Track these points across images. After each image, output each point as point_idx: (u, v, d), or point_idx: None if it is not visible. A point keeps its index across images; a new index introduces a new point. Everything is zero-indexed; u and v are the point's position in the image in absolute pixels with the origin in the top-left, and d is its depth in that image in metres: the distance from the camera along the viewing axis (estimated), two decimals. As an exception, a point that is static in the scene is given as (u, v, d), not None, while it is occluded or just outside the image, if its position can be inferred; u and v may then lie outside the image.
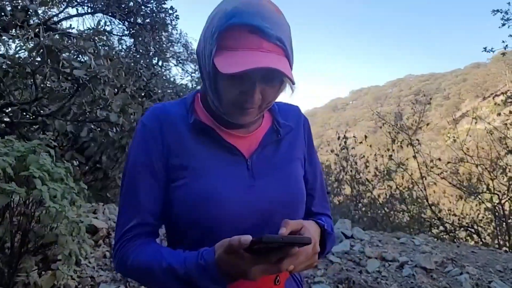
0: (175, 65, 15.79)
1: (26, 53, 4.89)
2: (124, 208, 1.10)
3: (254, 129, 1.15)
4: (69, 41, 4.91)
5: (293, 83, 1.00)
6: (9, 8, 6.00)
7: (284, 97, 1.10)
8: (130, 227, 1.07)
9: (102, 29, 5.93)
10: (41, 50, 4.43)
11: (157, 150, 1.07)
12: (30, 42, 5.09)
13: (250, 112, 1.03)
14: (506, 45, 7.89)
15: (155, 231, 1.11)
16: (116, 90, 5.92)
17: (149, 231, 1.09)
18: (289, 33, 1.02)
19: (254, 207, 1.04)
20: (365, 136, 9.58)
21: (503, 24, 8.12)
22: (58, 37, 4.58)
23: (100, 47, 5.09)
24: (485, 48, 8.28)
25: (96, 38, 5.13)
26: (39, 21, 5.05)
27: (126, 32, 12.41)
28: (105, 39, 5.20)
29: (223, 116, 1.07)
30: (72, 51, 5.01)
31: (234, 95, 0.99)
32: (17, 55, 4.85)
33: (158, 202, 1.08)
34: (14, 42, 5.29)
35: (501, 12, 8.16)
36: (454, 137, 9.25)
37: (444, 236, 7.98)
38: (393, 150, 9.07)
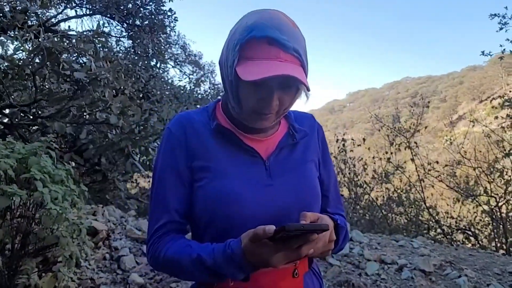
0: (173, 67, 15.81)
1: (25, 54, 4.89)
2: (154, 208, 1.20)
3: (272, 133, 1.25)
4: (69, 43, 4.90)
5: (308, 90, 1.10)
6: (7, 9, 6.01)
7: (299, 103, 1.19)
8: (160, 225, 1.17)
9: (101, 31, 5.94)
10: (41, 52, 4.43)
11: (182, 155, 1.17)
12: (29, 43, 5.09)
13: (268, 117, 1.11)
14: (504, 49, 7.92)
15: (183, 228, 1.21)
16: (115, 92, 5.92)
17: (178, 228, 1.19)
18: (305, 45, 1.11)
19: (271, 205, 1.13)
20: (364, 139, 9.61)
21: (501, 28, 8.16)
22: (58, 39, 4.58)
23: (100, 49, 5.09)
24: (483, 52, 8.31)
25: (96, 40, 5.12)
26: (38, 23, 5.04)
27: (124, 34, 12.42)
28: (104, 40, 5.18)
29: (243, 122, 1.16)
30: (72, 53, 5.01)
31: (253, 102, 1.08)
32: (15, 56, 4.85)
33: (185, 202, 1.18)
34: (13, 43, 5.29)
35: (498, 16, 8.20)
36: (451, 139, 9.29)
37: (442, 238, 8.01)
38: (392, 153, 9.10)
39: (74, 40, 4.84)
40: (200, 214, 1.15)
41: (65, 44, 4.81)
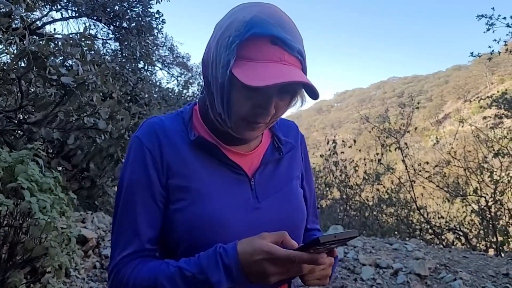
0: (160, 69, 15.73)
1: (9, 58, 4.78)
2: (119, 234, 1.03)
3: (255, 146, 1.12)
4: (55, 47, 4.80)
5: (316, 98, 0.97)
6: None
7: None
8: (127, 254, 1.00)
9: (88, 34, 5.84)
10: (27, 56, 4.33)
11: (155, 168, 1.00)
12: (13, 47, 4.97)
13: (259, 127, 0.99)
14: (493, 50, 8.00)
15: (153, 255, 1.05)
16: (103, 96, 5.83)
17: (148, 256, 1.02)
18: (303, 46, 0.99)
19: (259, 230, 0.97)
20: (354, 141, 9.63)
21: (488, 29, 8.23)
22: (44, 43, 4.47)
23: (87, 52, 4.99)
24: (471, 53, 8.39)
25: (83, 43, 5.03)
26: (24, 26, 4.94)
27: (111, 36, 12.31)
28: (91, 44, 5.09)
29: (228, 131, 1.02)
30: (58, 57, 4.92)
31: (247, 109, 0.95)
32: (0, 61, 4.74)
33: (157, 227, 1.02)
34: (-3, 47, 5.17)
35: (485, 17, 8.27)
36: (436, 138, 9.35)
37: (433, 239, 8.05)
38: (382, 154, 9.13)
39: (60, 44, 4.74)
40: (176, 241, 1.00)
41: (52, 48, 4.69)
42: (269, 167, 1.11)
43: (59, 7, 10.97)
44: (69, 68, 5.23)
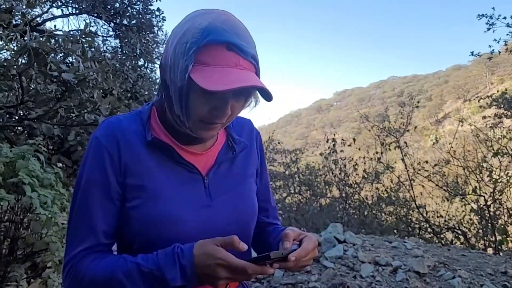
0: (160, 66, 15.74)
1: (9, 54, 4.78)
2: (75, 229, 1.06)
3: (210, 145, 1.17)
4: (56, 43, 4.80)
5: (270, 100, 1.04)
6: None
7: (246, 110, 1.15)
8: (83, 249, 1.03)
9: (89, 31, 5.85)
10: (28, 52, 4.33)
11: (113, 168, 1.04)
12: (14, 43, 4.98)
13: (216, 127, 1.05)
14: (493, 50, 8.02)
15: (109, 249, 1.09)
16: (103, 92, 5.83)
17: (103, 250, 1.06)
18: (256, 50, 1.05)
19: (211, 227, 1.06)
20: (354, 139, 9.64)
21: (488, 29, 8.25)
22: (44, 39, 4.48)
23: (87, 49, 5.00)
24: (472, 53, 8.41)
25: (83, 40, 5.04)
26: (24, 22, 4.94)
27: (111, 33, 12.31)
28: (91, 40, 5.09)
29: (185, 131, 1.07)
30: (59, 53, 4.92)
31: (204, 111, 1.00)
32: (0, 56, 4.74)
33: (112, 223, 1.06)
34: (-2, 43, 5.17)
35: (486, 17, 8.29)
36: (436, 137, 9.37)
37: (432, 238, 8.07)
38: (382, 153, 9.14)
39: (61, 40, 4.75)
40: (131, 238, 1.06)
41: (52, 44, 4.70)
42: (223, 166, 1.16)
43: (59, 4, 10.98)
44: (70, 64, 5.24)
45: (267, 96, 1.03)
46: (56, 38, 5.46)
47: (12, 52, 4.66)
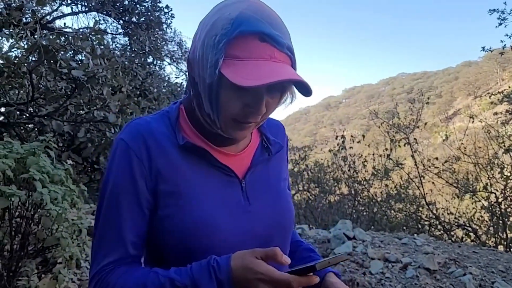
0: (169, 64, 15.77)
1: (19, 51, 4.82)
2: (102, 239, 0.98)
3: (244, 146, 1.10)
4: (66, 41, 4.83)
5: (309, 95, 0.94)
6: (1, 6, 5.92)
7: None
8: (111, 261, 0.95)
9: (98, 29, 5.88)
10: (38, 49, 4.37)
11: (142, 174, 0.96)
12: (24, 41, 5.02)
13: (249, 126, 0.98)
14: (505, 45, 7.93)
15: (138, 261, 1.01)
16: (112, 90, 5.86)
17: (131, 262, 0.98)
18: (291, 41, 0.96)
19: (251, 234, 0.99)
20: (363, 136, 9.61)
21: (500, 24, 8.18)
22: (54, 37, 4.51)
23: (97, 46, 5.02)
24: (483, 48, 8.32)
25: (93, 37, 5.06)
26: (35, 20, 4.98)
27: (120, 31, 12.37)
28: (101, 38, 5.11)
29: (217, 131, 1.00)
30: (69, 51, 4.95)
31: (237, 109, 0.93)
32: (10, 53, 4.78)
33: (142, 233, 0.99)
34: (8, 41, 5.22)
35: (497, 12, 8.20)
36: (446, 134, 9.30)
37: (442, 235, 8.02)
38: (391, 150, 9.10)
39: (71, 38, 4.77)
40: (163, 248, 0.98)
41: (62, 41, 4.73)
42: (259, 168, 1.09)
43: (69, 1, 11.04)
44: (79, 62, 5.27)
45: (305, 91, 0.94)
46: (66, 36, 5.50)
47: (23, 50, 4.69)
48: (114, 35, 12.49)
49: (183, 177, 0.97)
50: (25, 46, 4.75)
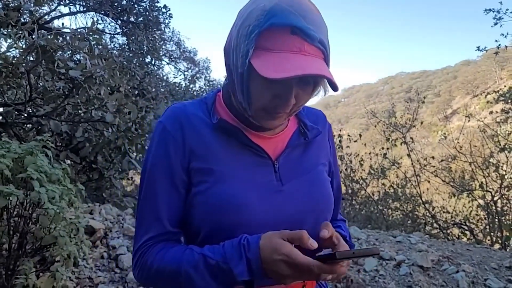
0: (167, 63, 15.79)
1: (17, 51, 4.84)
2: (142, 217, 1.05)
3: (280, 131, 1.11)
4: (64, 41, 4.87)
5: (336, 90, 0.96)
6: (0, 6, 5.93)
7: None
8: (150, 237, 1.02)
9: (96, 28, 5.91)
10: (36, 50, 4.39)
11: (178, 154, 1.01)
12: (22, 41, 5.03)
13: (280, 116, 0.99)
14: (499, 44, 7.97)
15: (177, 239, 1.06)
16: (110, 89, 5.89)
17: (171, 239, 1.04)
18: (327, 35, 0.97)
19: (282, 214, 1.00)
20: (360, 135, 9.65)
21: (495, 23, 8.21)
22: (52, 37, 4.54)
23: (95, 47, 5.05)
24: (478, 47, 8.36)
25: (91, 37, 5.09)
26: (32, 20, 5.01)
27: (118, 31, 12.38)
28: (99, 38, 5.14)
29: (248, 119, 1.03)
30: (66, 51, 4.98)
31: (267, 99, 0.95)
32: (8, 53, 4.80)
33: (178, 209, 1.04)
34: (6, 41, 5.24)
35: (493, 12, 8.24)
36: (444, 134, 9.33)
37: (438, 233, 8.06)
38: (388, 149, 9.14)
39: (68, 38, 4.80)
40: (198, 224, 1.01)
41: (60, 41, 4.77)
42: (295, 152, 1.10)
43: (67, 1, 11.06)
44: (77, 62, 5.30)
45: (333, 86, 0.95)
46: (64, 36, 5.53)
47: (21, 50, 4.72)
48: (112, 35, 12.51)
49: (215, 155, 1.01)
50: (23, 46, 4.77)
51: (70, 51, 5.23)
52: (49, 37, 4.62)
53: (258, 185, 1.00)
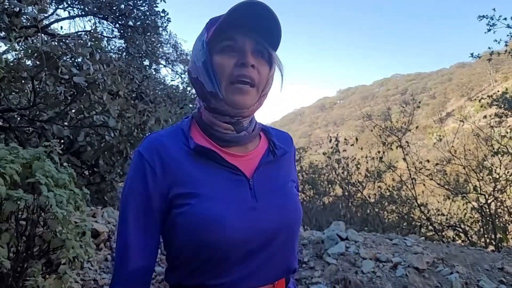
0: (164, 66, 15.85)
1: (15, 53, 4.90)
2: (118, 244, 1.11)
3: (252, 148, 1.20)
4: (67, 48, 4.93)
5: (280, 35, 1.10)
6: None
7: (274, 95, 1.22)
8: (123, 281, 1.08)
9: (97, 34, 5.99)
10: (39, 56, 4.47)
11: (154, 181, 1.06)
12: (19, 44, 5.08)
13: (247, 90, 1.08)
14: (492, 52, 8.10)
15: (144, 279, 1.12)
16: (109, 94, 5.97)
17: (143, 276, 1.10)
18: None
19: (258, 228, 1.06)
20: (356, 139, 9.75)
21: (489, 30, 8.31)
22: (56, 44, 4.62)
23: (96, 52, 5.13)
24: (472, 54, 8.49)
25: (92, 43, 5.17)
26: (36, 28, 5.08)
27: (116, 33, 12.43)
28: (99, 44, 5.22)
29: (223, 108, 1.10)
30: (69, 57, 5.06)
31: (230, 68, 1.07)
32: (9, 58, 4.85)
33: (150, 234, 1.09)
34: (6, 45, 5.30)
35: (486, 18, 8.35)
36: (439, 136, 9.44)
37: (433, 235, 8.17)
38: (384, 152, 9.25)
39: (72, 44, 4.89)
40: (179, 244, 1.07)
41: (63, 48, 4.84)
42: (267, 169, 1.17)
43: (65, 5, 11.11)
44: (79, 66, 5.37)
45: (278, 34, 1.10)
46: (66, 41, 5.60)
47: (20, 54, 4.77)
48: (109, 38, 12.56)
49: (194, 179, 1.07)
50: (22, 50, 4.81)
51: (73, 57, 5.31)
52: (53, 43, 4.71)
53: (234, 203, 1.06)
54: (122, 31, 11.81)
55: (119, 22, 11.40)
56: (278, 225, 1.09)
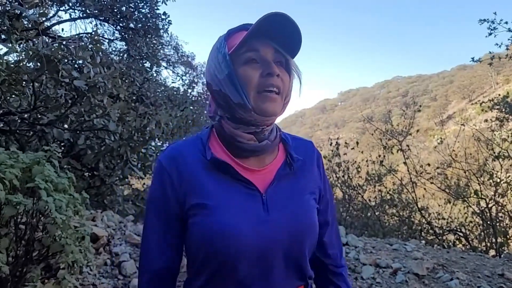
0: (165, 68, 15.84)
1: (15, 55, 4.89)
2: (143, 245, 1.20)
3: (269, 161, 1.19)
4: (68, 51, 4.93)
5: (294, 53, 1.16)
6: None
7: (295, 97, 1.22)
8: (147, 280, 1.17)
9: (98, 37, 5.99)
10: (40, 59, 4.46)
11: (172, 189, 1.12)
12: (20, 45, 5.07)
13: (275, 98, 1.11)
14: (493, 56, 8.08)
15: (171, 276, 1.20)
16: (110, 97, 5.96)
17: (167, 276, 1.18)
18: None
19: (268, 241, 1.08)
20: (357, 142, 9.74)
21: (490, 34, 8.28)
22: (57, 47, 4.62)
23: (96, 55, 5.13)
24: (472, 58, 8.46)
25: (93, 46, 5.17)
26: (37, 31, 5.09)
27: (117, 36, 12.44)
28: (100, 47, 5.22)
29: (251, 118, 1.12)
30: (70, 60, 5.06)
31: (256, 78, 1.09)
32: (9, 60, 4.85)
33: (168, 237, 1.16)
34: (7, 47, 5.29)
35: (487, 22, 8.32)
36: (440, 138, 9.43)
37: (434, 239, 8.15)
38: (384, 156, 9.24)
39: (72, 47, 4.88)
40: (194, 252, 1.11)
41: (64, 51, 4.84)
42: (282, 182, 1.17)
43: (66, 7, 11.12)
44: (79, 69, 5.36)
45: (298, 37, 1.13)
46: (67, 44, 5.59)
47: (21, 56, 4.76)
48: (110, 40, 12.56)
49: (209, 191, 1.10)
50: (23, 51, 4.81)
51: (73, 60, 5.31)
52: (54, 45, 4.70)
53: (245, 216, 1.08)
54: (123, 33, 11.81)
55: (120, 24, 11.40)
56: (289, 236, 1.10)
